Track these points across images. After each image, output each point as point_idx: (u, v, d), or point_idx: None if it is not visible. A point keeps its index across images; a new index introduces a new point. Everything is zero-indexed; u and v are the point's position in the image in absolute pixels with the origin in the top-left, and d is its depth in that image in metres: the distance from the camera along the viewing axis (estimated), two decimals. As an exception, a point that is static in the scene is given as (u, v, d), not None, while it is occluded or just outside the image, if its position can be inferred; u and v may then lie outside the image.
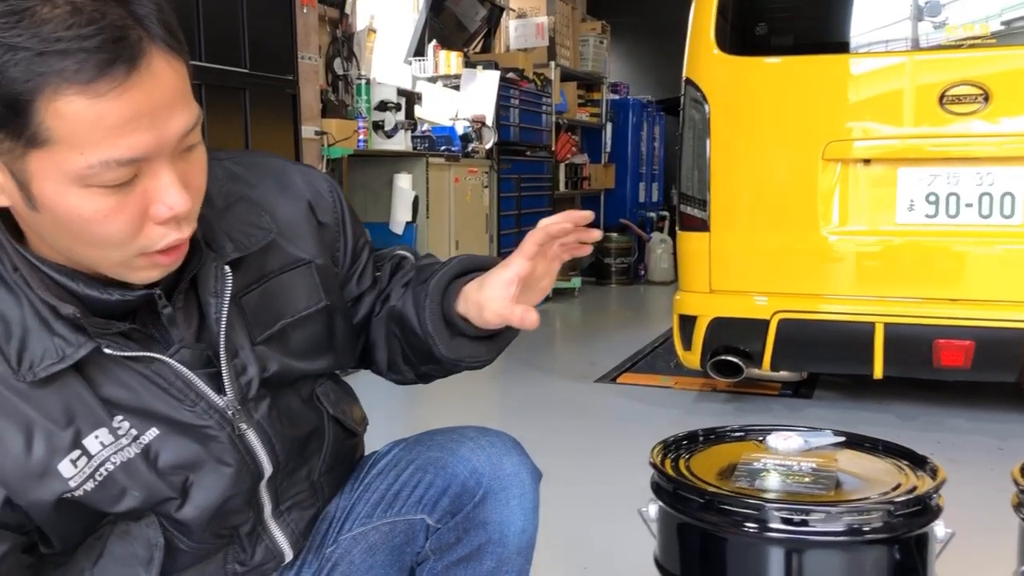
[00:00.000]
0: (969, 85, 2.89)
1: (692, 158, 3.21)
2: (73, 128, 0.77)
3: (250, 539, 1.05)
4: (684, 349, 3.25)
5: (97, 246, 0.85)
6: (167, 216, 0.84)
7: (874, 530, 1.08)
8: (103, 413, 0.92)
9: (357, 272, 1.14)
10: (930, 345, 2.92)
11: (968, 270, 2.97)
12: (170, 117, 0.81)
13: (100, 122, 0.77)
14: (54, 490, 0.91)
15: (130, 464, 0.93)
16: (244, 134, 3.51)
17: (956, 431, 3.09)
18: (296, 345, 1.05)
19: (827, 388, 3.66)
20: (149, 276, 0.90)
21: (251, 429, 0.99)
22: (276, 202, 1.06)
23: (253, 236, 1.01)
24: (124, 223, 0.83)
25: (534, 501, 1.09)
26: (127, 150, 0.79)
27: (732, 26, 3.19)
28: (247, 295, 1.01)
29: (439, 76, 5.46)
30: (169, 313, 0.95)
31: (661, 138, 8.18)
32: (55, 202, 0.81)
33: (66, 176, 0.80)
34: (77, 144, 0.78)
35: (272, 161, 1.11)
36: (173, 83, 0.82)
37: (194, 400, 0.95)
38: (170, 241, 0.86)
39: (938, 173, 2.96)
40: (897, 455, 1.26)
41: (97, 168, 0.79)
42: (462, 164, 5.04)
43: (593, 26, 7.57)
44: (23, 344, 0.88)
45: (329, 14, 4.64)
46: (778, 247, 3.12)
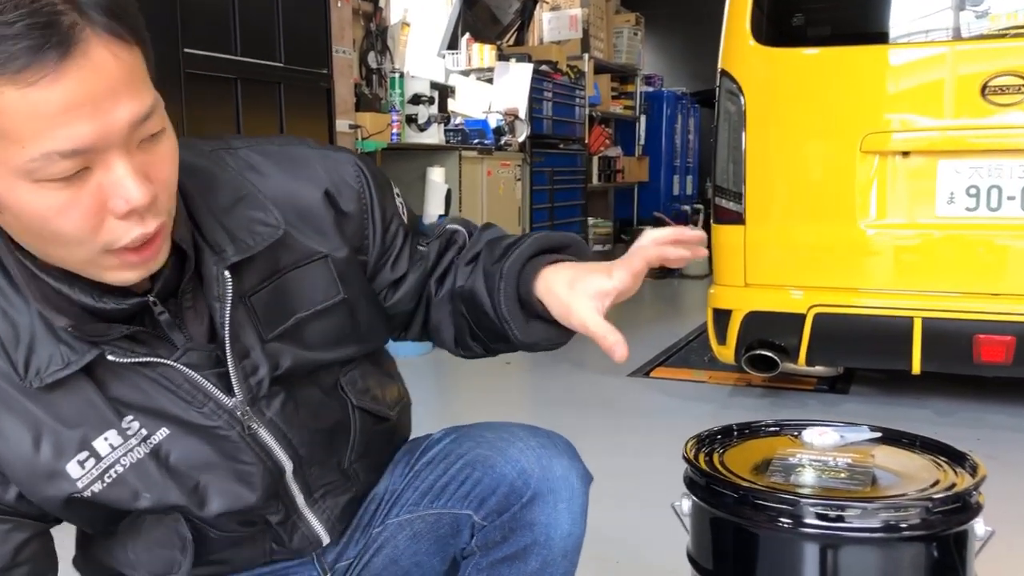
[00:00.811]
0: (1013, 75, 2.83)
1: (727, 150, 3.18)
2: (10, 121, 0.74)
3: (284, 528, 1.07)
4: (718, 343, 3.23)
5: (59, 244, 0.82)
6: (125, 210, 0.80)
7: (911, 527, 1.06)
8: (112, 415, 0.92)
9: (391, 259, 1.10)
10: (970, 340, 2.87)
11: (1010, 264, 2.91)
12: (114, 106, 0.77)
13: (35, 113, 0.74)
14: (63, 490, 0.92)
15: (140, 465, 0.94)
16: (279, 128, 3.54)
17: (996, 428, 3.04)
18: (312, 338, 1.02)
19: (864, 383, 3.62)
20: (125, 277, 0.86)
21: (263, 427, 0.98)
22: (290, 193, 1.01)
23: (259, 235, 0.97)
24: (80, 218, 0.79)
25: (583, 505, 1.08)
26: (67, 141, 0.75)
27: (768, 17, 3.15)
28: (257, 293, 0.98)
29: (472, 69, 5.47)
30: (167, 320, 0.93)
31: (696, 131, 8.12)
32: (9, 200, 0.79)
33: (13, 172, 0.77)
34: (16, 138, 0.75)
35: (293, 149, 1.06)
36: (116, 70, 0.77)
37: (202, 401, 0.95)
38: (135, 236, 0.82)
39: (979, 165, 2.91)
40: (935, 451, 1.24)
41: (40, 161, 0.76)
42: (495, 157, 5.04)
43: (627, 18, 7.53)
44: (30, 350, 0.89)
45: (363, 8, 4.66)
46: (814, 240, 3.09)
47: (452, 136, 4.88)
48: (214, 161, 1.00)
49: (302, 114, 3.69)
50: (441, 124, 4.73)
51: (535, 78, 5.41)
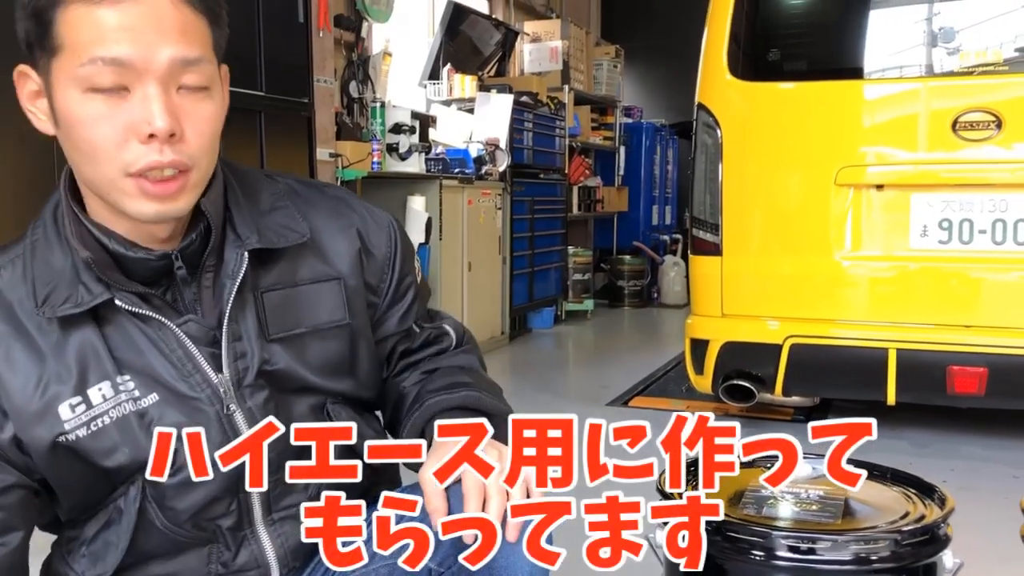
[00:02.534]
0: (982, 111, 2.89)
1: (704, 182, 3.22)
2: (76, 33, 0.90)
3: (234, 537, 1.06)
4: (696, 373, 3.25)
5: (92, 158, 0.93)
6: (146, 131, 0.91)
7: (881, 559, 1.07)
8: (111, 369, 0.99)
9: (400, 311, 1.18)
10: (943, 371, 2.90)
11: (982, 296, 2.96)
12: (160, 40, 0.91)
13: (95, 26, 0.89)
14: (52, 429, 0.98)
15: (124, 421, 0.99)
16: (259, 156, 3.54)
17: (970, 459, 3.06)
18: (313, 356, 1.08)
19: (840, 414, 3.62)
20: (143, 208, 0.95)
21: (240, 413, 1.02)
22: (325, 221, 1.11)
23: (283, 236, 1.06)
24: (111, 131, 0.91)
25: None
26: (112, 50, 0.89)
27: (744, 51, 3.20)
28: (270, 292, 1.06)
29: (453, 99, 5.50)
30: (183, 275, 1.01)
31: (674, 161, 8.19)
32: (66, 110, 0.92)
33: (71, 80, 0.91)
34: (78, 47, 0.90)
35: (338, 191, 1.19)
36: (172, 17, 0.91)
37: (190, 371, 1.01)
38: (150, 161, 0.92)
39: (951, 199, 2.96)
40: (906, 483, 1.25)
41: (87, 67, 0.89)
42: (475, 187, 5.07)
43: (607, 50, 7.61)
44: (54, 288, 0.98)
45: (345, 38, 4.69)
46: (790, 272, 3.12)
47: (433, 165, 4.90)
48: (263, 177, 1.13)
49: (283, 142, 3.70)
50: (422, 153, 4.75)
51: (516, 108, 5.46)
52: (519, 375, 4.72)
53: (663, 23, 8.18)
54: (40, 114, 0.97)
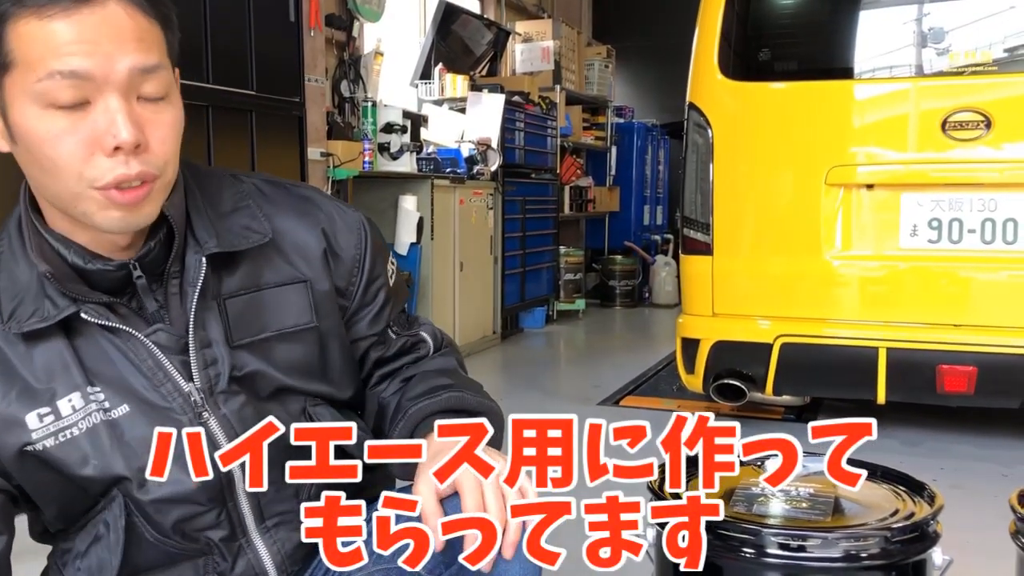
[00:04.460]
0: (971, 111, 2.90)
1: (695, 182, 3.23)
2: (29, 47, 0.88)
3: (229, 549, 1.06)
4: (687, 372, 3.25)
5: (54, 174, 0.92)
6: (112, 144, 0.90)
7: (871, 556, 1.08)
8: (81, 380, 0.99)
9: (370, 313, 1.16)
10: (933, 370, 2.91)
11: (971, 296, 2.97)
12: (117, 51, 0.89)
13: (49, 40, 0.88)
14: (19, 438, 0.98)
15: (94, 432, 0.99)
16: (250, 155, 3.53)
17: (961, 457, 3.08)
18: (281, 358, 1.06)
19: (831, 413, 3.65)
20: (111, 219, 0.94)
21: (214, 419, 1.01)
22: (290, 222, 1.09)
23: (244, 237, 1.05)
24: (73, 146, 0.90)
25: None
26: (69, 64, 0.88)
27: (735, 51, 3.21)
28: (233, 299, 1.04)
29: (445, 99, 5.50)
30: (143, 284, 1.00)
31: (666, 161, 8.20)
32: (23, 126, 0.91)
33: (27, 95, 0.89)
34: (32, 61, 0.88)
35: (305, 190, 1.16)
36: (126, 25, 0.90)
37: (161, 380, 1.00)
38: (117, 175, 0.91)
39: (940, 199, 2.97)
40: (895, 481, 1.26)
41: (45, 82, 0.88)
42: (467, 186, 5.06)
43: (598, 50, 7.62)
44: (20, 302, 0.98)
45: (336, 37, 4.68)
46: (781, 271, 3.13)
47: (424, 165, 4.89)
48: (226, 177, 1.11)
49: (274, 141, 3.69)
50: (413, 153, 4.75)
51: (507, 108, 5.46)
52: (511, 374, 4.72)
53: (655, 23, 8.19)
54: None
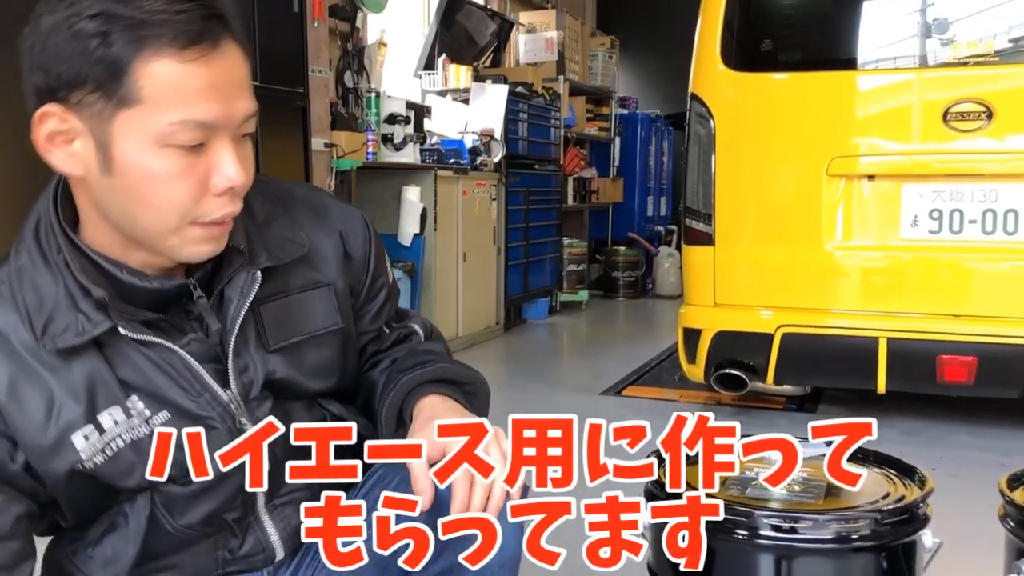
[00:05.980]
0: (973, 102, 2.91)
1: (697, 173, 3.24)
2: (162, 88, 0.88)
3: (240, 526, 1.08)
4: (688, 362, 3.27)
5: (160, 210, 0.93)
6: (225, 186, 0.93)
7: (862, 537, 1.10)
8: (119, 393, 0.99)
9: (373, 310, 1.20)
10: (933, 360, 2.93)
11: (971, 286, 2.98)
12: (238, 96, 0.93)
13: (184, 84, 0.88)
14: (68, 460, 0.98)
15: (139, 443, 0.99)
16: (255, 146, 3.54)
17: (959, 447, 3.09)
18: (310, 363, 1.09)
19: (831, 403, 3.67)
20: (198, 252, 0.97)
21: (251, 425, 1.01)
22: (310, 227, 1.12)
23: (288, 249, 1.08)
24: (189, 186, 0.92)
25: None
26: (203, 113, 0.89)
27: (738, 42, 3.22)
28: (266, 304, 1.06)
29: (448, 90, 5.51)
30: (204, 303, 1.02)
31: (669, 152, 8.20)
32: (132, 162, 0.90)
33: (148, 134, 0.89)
34: (163, 103, 0.88)
35: (310, 192, 1.19)
36: (242, 69, 0.94)
37: (199, 391, 1.01)
38: (225, 213, 0.95)
39: (942, 189, 2.98)
40: (887, 465, 1.28)
41: (176, 126, 0.89)
42: (470, 177, 5.08)
43: (602, 41, 7.61)
44: (51, 317, 0.97)
45: (340, 28, 4.69)
46: (782, 261, 3.14)
47: (428, 156, 4.91)
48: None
49: (277, 132, 3.71)
50: (417, 144, 4.76)
51: (511, 99, 5.46)
52: (513, 365, 4.74)
53: (658, 14, 8.17)
54: (68, 157, 0.93)
